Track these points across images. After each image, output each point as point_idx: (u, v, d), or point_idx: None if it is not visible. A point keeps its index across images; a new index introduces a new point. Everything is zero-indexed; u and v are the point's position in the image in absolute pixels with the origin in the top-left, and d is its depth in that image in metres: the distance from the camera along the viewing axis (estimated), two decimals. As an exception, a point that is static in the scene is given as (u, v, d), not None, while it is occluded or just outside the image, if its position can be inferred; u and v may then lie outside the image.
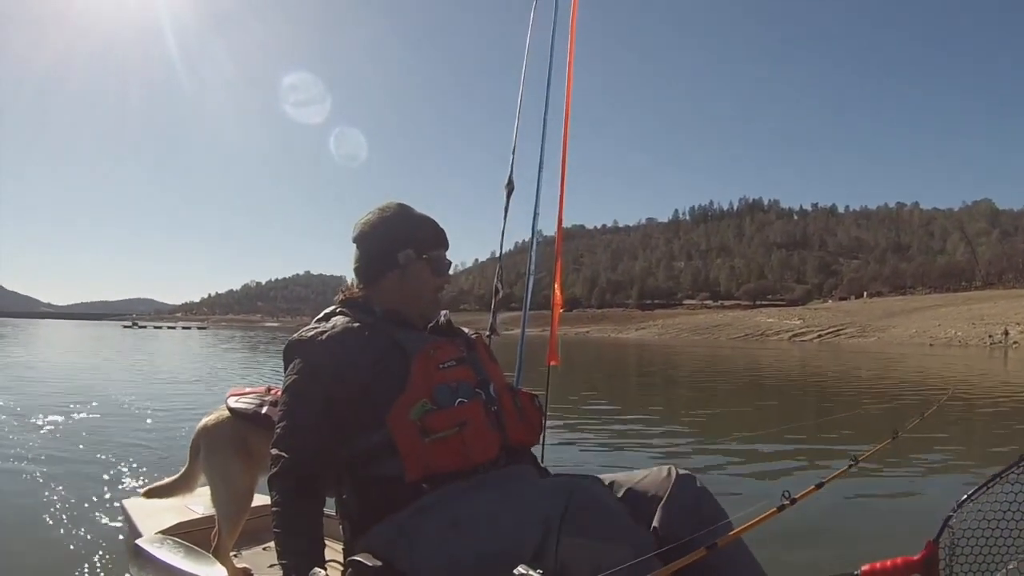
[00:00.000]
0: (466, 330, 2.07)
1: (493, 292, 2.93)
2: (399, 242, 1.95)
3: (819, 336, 73.68)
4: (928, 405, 2.46)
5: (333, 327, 1.85)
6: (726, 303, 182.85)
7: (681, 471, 1.76)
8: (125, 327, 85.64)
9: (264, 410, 2.34)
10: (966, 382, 16.86)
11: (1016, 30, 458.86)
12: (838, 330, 75.58)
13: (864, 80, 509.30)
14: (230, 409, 2.45)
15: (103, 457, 5.40)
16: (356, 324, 1.86)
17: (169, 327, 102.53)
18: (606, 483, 1.82)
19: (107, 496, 4.18)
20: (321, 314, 1.98)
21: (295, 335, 1.88)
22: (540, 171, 3.00)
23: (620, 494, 1.77)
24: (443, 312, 2.04)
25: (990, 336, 56.51)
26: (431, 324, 1.98)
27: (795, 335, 76.47)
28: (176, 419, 7.34)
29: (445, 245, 2.04)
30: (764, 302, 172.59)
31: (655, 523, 1.66)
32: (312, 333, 1.85)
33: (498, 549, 1.53)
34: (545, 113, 3.08)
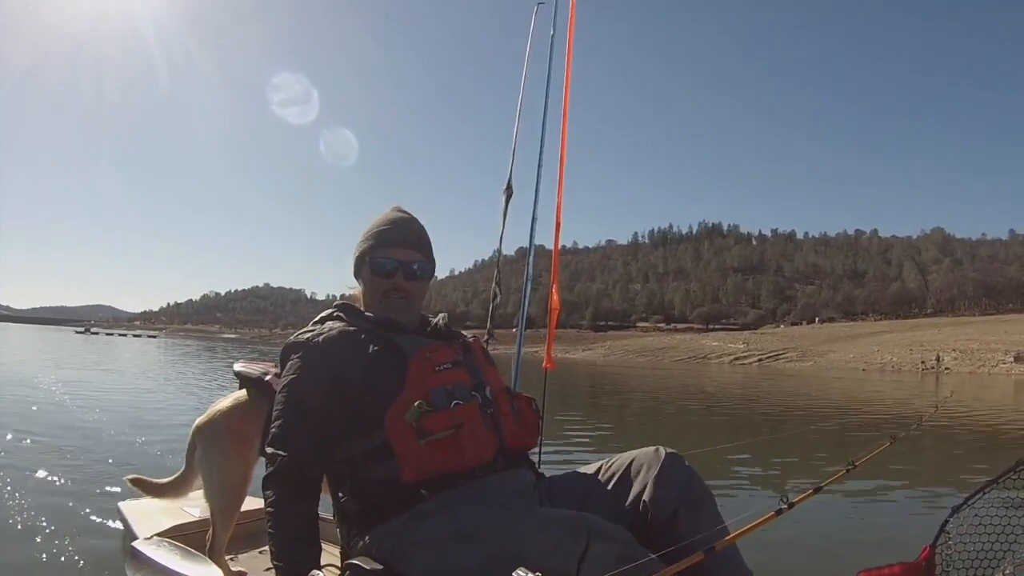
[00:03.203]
0: (465, 333, 2.07)
1: (491, 297, 2.98)
2: (359, 247, 2.01)
3: (759, 360, 73.58)
4: (916, 418, 2.17)
5: (330, 330, 1.88)
6: (679, 326, 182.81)
7: (669, 450, 1.82)
8: (77, 332, 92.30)
9: (268, 377, 2.32)
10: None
11: (972, 61, 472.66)
12: (778, 354, 75.64)
13: (831, 108, 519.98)
14: (236, 373, 2.48)
15: (98, 459, 5.45)
16: (352, 328, 1.88)
17: (121, 335, 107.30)
18: (599, 465, 1.91)
19: (103, 499, 4.20)
20: (317, 317, 1.99)
21: (292, 337, 1.90)
22: (539, 171, 3.03)
23: (613, 473, 1.85)
24: (441, 315, 2.07)
25: (923, 362, 57.12)
26: (429, 327, 2.00)
27: (736, 358, 76.43)
28: (171, 423, 7.68)
29: (390, 243, 1.99)
30: (717, 326, 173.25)
31: (645, 497, 1.74)
32: (308, 335, 1.87)
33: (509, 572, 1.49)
34: (544, 120, 3.09)
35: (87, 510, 3.98)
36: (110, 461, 5.37)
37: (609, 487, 1.83)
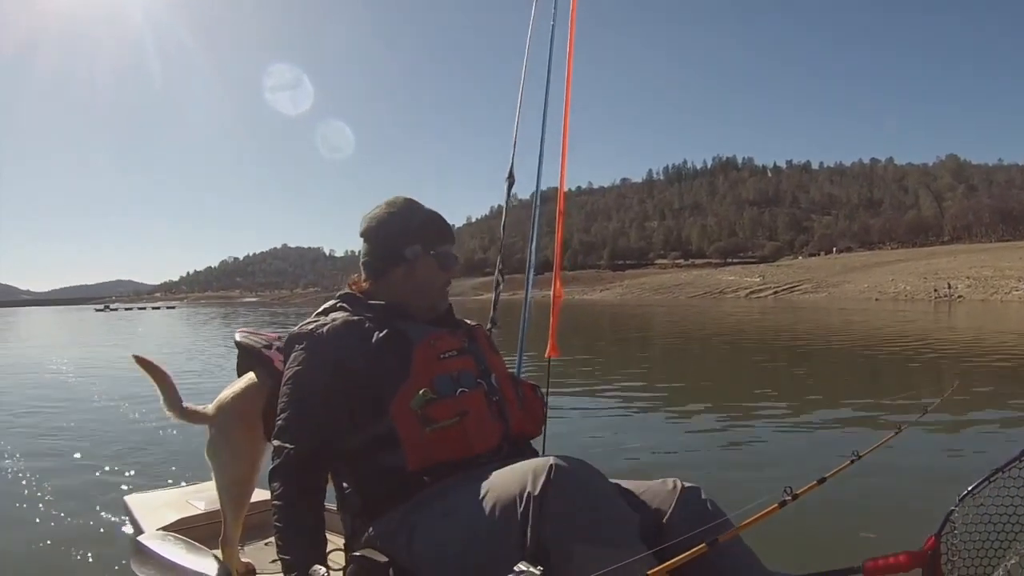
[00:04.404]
0: (468, 321, 2.08)
1: (494, 285, 2.90)
2: (406, 238, 1.94)
3: (775, 292, 74.24)
4: (931, 399, 2.49)
5: (333, 320, 1.86)
6: (697, 262, 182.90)
7: (686, 484, 1.76)
8: (97, 311, 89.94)
9: (271, 351, 2.27)
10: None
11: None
12: (793, 286, 76.04)
13: (840, 40, 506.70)
14: (237, 343, 2.40)
15: (103, 452, 5.37)
16: (356, 317, 1.86)
17: (140, 308, 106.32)
18: None
19: (109, 492, 4.18)
20: (320, 308, 1.98)
21: (295, 328, 1.88)
22: (540, 159, 2.98)
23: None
24: None
25: (936, 290, 56.57)
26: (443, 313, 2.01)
27: (752, 292, 77.09)
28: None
29: (451, 240, 2.04)
30: (735, 260, 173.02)
31: (660, 531, 1.67)
32: (312, 326, 1.85)
33: (483, 535, 1.50)
34: (545, 105, 3.05)
35: (92, 504, 3.96)
36: (117, 451, 5.35)
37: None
